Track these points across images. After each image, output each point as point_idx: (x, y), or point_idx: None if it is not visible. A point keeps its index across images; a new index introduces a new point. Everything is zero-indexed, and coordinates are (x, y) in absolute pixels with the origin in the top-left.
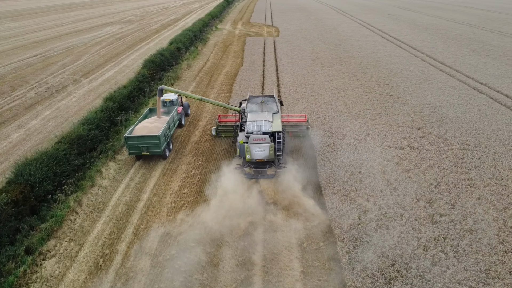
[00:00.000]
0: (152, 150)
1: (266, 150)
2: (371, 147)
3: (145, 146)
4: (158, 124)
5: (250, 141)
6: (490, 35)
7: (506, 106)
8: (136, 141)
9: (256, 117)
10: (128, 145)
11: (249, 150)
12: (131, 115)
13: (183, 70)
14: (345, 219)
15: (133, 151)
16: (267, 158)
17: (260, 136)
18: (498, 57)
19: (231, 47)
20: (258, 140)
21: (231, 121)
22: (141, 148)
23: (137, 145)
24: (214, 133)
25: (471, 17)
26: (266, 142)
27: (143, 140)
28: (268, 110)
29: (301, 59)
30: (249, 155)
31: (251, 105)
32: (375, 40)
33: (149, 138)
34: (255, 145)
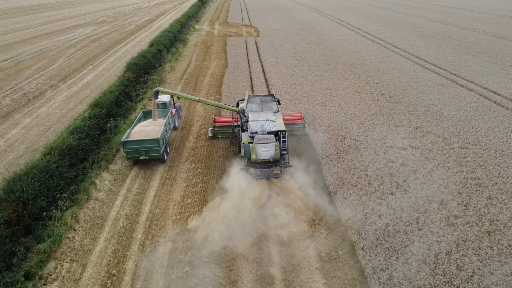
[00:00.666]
0: (151, 154)
1: (271, 150)
2: (373, 148)
3: (144, 150)
4: (155, 127)
5: (255, 141)
6: (465, 33)
7: (496, 103)
8: (134, 145)
9: (258, 117)
10: (126, 149)
11: (254, 150)
12: (119, 122)
13: (166, 72)
14: (361, 225)
15: (131, 156)
16: (273, 158)
17: (265, 135)
18: (478, 54)
19: (213, 48)
20: (263, 140)
21: (227, 121)
22: (140, 153)
23: (136, 149)
24: (211, 134)
25: (444, 15)
26: (271, 141)
27: (142, 144)
28: (268, 110)
29: (286, 59)
30: (254, 155)
31: (251, 105)
32: (356, 39)
33: (148, 141)
34: (260, 145)
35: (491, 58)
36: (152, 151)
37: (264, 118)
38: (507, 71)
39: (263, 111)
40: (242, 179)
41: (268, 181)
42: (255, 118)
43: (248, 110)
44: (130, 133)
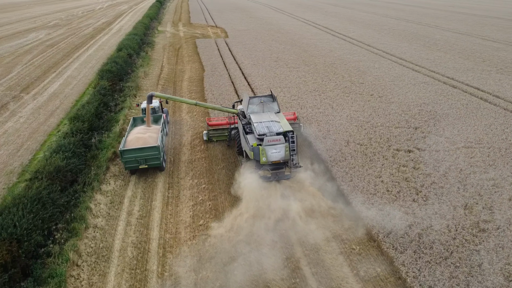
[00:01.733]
0: (151, 163)
1: (282, 151)
2: (380, 152)
3: (143, 158)
4: (151, 134)
5: (265, 143)
6: (429, 30)
7: (483, 99)
8: (133, 154)
9: (261, 118)
10: (124, 159)
11: (264, 152)
12: (103, 136)
13: (140, 78)
14: (394, 238)
15: (130, 165)
16: (283, 159)
17: (275, 137)
18: (449, 51)
19: (183, 51)
20: (273, 141)
21: (221, 124)
22: (139, 161)
23: (134, 158)
24: (206, 138)
25: (402, 13)
26: (281, 142)
27: (141, 152)
28: (269, 110)
29: (263, 61)
30: (265, 157)
31: (252, 106)
32: (327, 38)
33: (148, 149)
34: (270, 146)
35: (461, 54)
36: (152, 159)
37: (268, 119)
38: (481, 67)
39: (265, 112)
40: (253, 191)
41: (284, 196)
42: (258, 119)
43: (249, 112)
44: (126, 142)
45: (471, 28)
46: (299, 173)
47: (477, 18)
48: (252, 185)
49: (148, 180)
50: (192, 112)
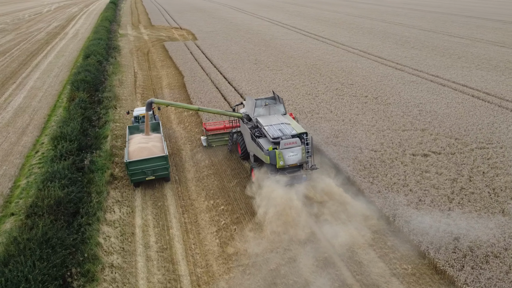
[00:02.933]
0: (158, 173)
1: (299, 154)
2: (397, 157)
3: (151, 169)
4: (154, 143)
5: (282, 146)
6: (395, 27)
7: (475, 96)
8: (140, 166)
9: (270, 121)
10: (130, 171)
11: (281, 156)
12: (94, 155)
13: (116, 87)
14: (446, 254)
15: (136, 178)
16: (300, 162)
17: (291, 139)
18: (422, 48)
19: (152, 55)
20: (290, 144)
21: (219, 128)
22: (146, 173)
23: (141, 170)
24: (205, 144)
25: (364, 11)
26: (297, 145)
27: (148, 163)
28: (275, 113)
29: (242, 64)
30: (282, 161)
31: (258, 109)
32: (299, 38)
33: (156, 160)
34: (287, 150)
35: (436, 51)
36: (160, 170)
37: (278, 122)
38: (459, 63)
39: (271, 114)
40: (283, 209)
41: (314, 215)
42: (268, 122)
43: (256, 115)
44: (128, 153)
45: (434, 25)
46: (326, 186)
47: (435, 15)
48: (280, 202)
49: (158, 205)
50: (183, 123)
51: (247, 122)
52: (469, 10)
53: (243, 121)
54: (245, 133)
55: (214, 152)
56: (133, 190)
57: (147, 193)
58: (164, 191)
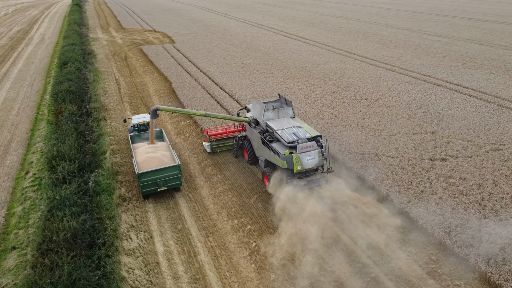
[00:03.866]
0: (170, 184)
1: (316, 157)
2: (416, 163)
3: (163, 180)
4: (163, 151)
5: (299, 151)
6: (372, 26)
7: (472, 96)
8: (151, 177)
9: (282, 125)
10: (141, 183)
11: (299, 160)
12: (96, 175)
13: (100, 96)
14: (495, 266)
15: (148, 189)
16: (317, 165)
17: (308, 143)
18: (406, 48)
19: (131, 60)
20: (306, 148)
21: (221, 133)
22: (158, 184)
23: (153, 180)
24: (209, 150)
25: (337, 11)
26: (314, 148)
27: (160, 173)
28: (284, 116)
29: (229, 68)
30: (300, 165)
31: (268, 113)
32: (280, 39)
33: (168, 170)
34: (304, 153)
35: (419, 50)
36: (172, 180)
37: (290, 125)
38: (446, 62)
39: (280, 118)
40: (321, 223)
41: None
42: (279, 126)
43: (265, 119)
44: (137, 164)
45: (409, 23)
46: (359, 197)
47: (406, 14)
48: (317, 218)
49: (177, 228)
50: (183, 134)
51: (255, 127)
52: (438, 9)
53: (250, 126)
54: (253, 137)
55: (224, 165)
56: (147, 212)
57: (162, 215)
58: (180, 211)
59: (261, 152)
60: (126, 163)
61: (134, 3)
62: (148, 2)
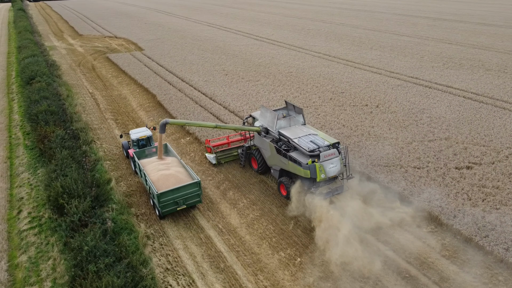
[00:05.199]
0: (190, 201)
1: (338, 165)
2: (445, 173)
3: (182, 198)
4: (176, 167)
5: (322, 159)
6: (340, 27)
7: (467, 97)
8: (171, 196)
9: (297, 133)
10: (161, 203)
11: (322, 169)
12: (108, 211)
13: (81, 114)
14: None
15: (168, 209)
16: (339, 173)
17: (330, 151)
18: (381, 49)
19: (101, 71)
20: (329, 156)
21: (223, 143)
22: (178, 203)
23: (173, 199)
24: (215, 162)
25: (299, 12)
26: (335, 156)
27: (180, 191)
28: (295, 123)
29: (212, 76)
30: (323, 174)
31: (280, 121)
32: (254, 43)
33: (188, 187)
34: (327, 162)
35: (396, 52)
36: (192, 198)
37: (305, 133)
38: (426, 63)
39: (291, 125)
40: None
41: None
42: (294, 135)
43: (278, 128)
44: (153, 183)
45: (374, 24)
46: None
47: (366, 14)
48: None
49: (219, 267)
50: (187, 153)
51: (265, 135)
52: (394, 8)
53: (259, 135)
54: (264, 147)
55: (245, 187)
56: (177, 251)
57: (196, 253)
58: (216, 246)
59: (274, 161)
60: (135, 192)
61: (82, 7)
62: (96, 6)
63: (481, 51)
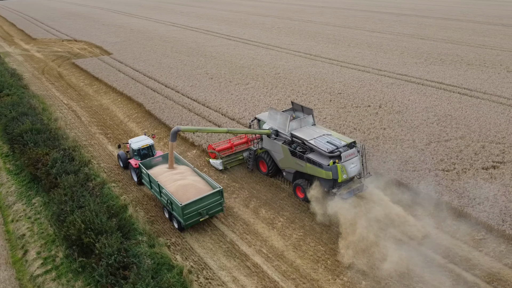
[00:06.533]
0: (213, 211)
1: (358, 164)
2: (475, 174)
3: (205, 208)
4: (191, 176)
5: (344, 159)
6: (309, 25)
7: (463, 94)
8: (195, 207)
9: (310, 134)
10: (185, 215)
11: (344, 169)
12: (133, 246)
13: (64, 130)
14: None
15: (191, 221)
16: (359, 172)
17: (351, 151)
18: (359, 46)
19: (70, 78)
20: (350, 156)
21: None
22: (201, 213)
23: (196, 210)
24: (221, 167)
25: (265, 10)
26: (355, 155)
27: (203, 202)
28: (305, 124)
29: (197, 80)
30: (345, 174)
31: (292, 123)
32: (228, 44)
33: (210, 197)
34: (348, 162)
35: (374, 48)
36: (214, 207)
37: (319, 134)
38: (409, 59)
39: (302, 127)
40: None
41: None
42: (309, 136)
43: (290, 129)
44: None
45: (341, 20)
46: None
47: (330, 10)
48: None
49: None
50: (197, 167)
51: (275, 138)
52: (356, 4)
53: (269, 137)
54: (276, 149)
55: (275, 203)
56: (225, 284)
57: (249, 285)
58: (270, 277)
59: (288, 164)
60: (156, 218)
61: (26, 8)
62: (41, 6)
63: (455, 46)
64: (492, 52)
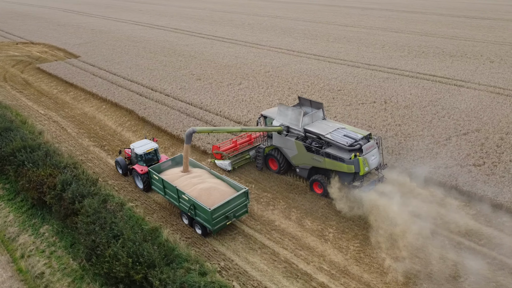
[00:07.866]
0: (239, 213)
1: (377, 156)
2: (507, 168)
3: (232, 211)
4: (209, 179)
5: (365, 152)
6: (280, 21)
7: (459, 86)
8: (222, 210)
9: (324, 129)
10: (213, 220)
11: (366, 162)
12: (183, 276)
13: (51, 143)
14: None
15: (219, 226)
16: (379, 163)
17: (370, 143)
18: (339, 41)
19: (39, 85)
20: (370, 148)
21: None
22: (228, 217)
23: (224, 214)
24: (230, 168)
25: (225, 6)
26: (375, 147)
27: (230, 204)
28: (316, 119)
29: (185, 82)
30: (367, 167)
31: (305, 119)
32: (203, 43)
33: (237, 199)
34: (369, 154)
35: (354, 43)
36: (240, 209)
37: (333, 128)
38: (394, 53)
39: (313, 122)
40: None
41: None
42: (324, 130)
43: (303, 125)
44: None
45: (310, 15)
46: None
47: (297, 6)
48: None
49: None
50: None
51: (287, 134)
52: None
53: (280, 134)
54: (288, 146)
55: (319, 213)
56: None
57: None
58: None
59: (303, 160)
60: (193, 239)
61: None
62: None
63: (431, 38)
64: (467, 43)
